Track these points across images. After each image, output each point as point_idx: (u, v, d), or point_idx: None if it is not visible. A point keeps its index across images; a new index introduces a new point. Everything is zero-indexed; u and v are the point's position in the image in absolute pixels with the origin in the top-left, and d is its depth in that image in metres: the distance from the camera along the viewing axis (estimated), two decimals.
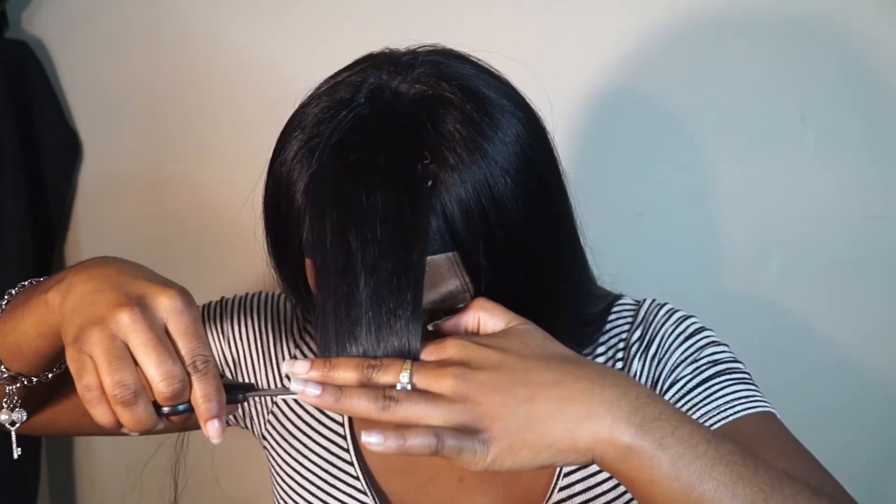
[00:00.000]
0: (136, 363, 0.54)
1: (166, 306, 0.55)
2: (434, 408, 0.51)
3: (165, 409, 0.55)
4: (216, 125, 1.27)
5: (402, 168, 0.55)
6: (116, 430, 0.56)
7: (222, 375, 0.59)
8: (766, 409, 0.68)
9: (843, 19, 0.98)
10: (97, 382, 0.53)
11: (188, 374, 0.54)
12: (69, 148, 1.34)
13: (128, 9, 1.28)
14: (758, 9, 1.00)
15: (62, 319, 0.56)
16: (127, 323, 0.53)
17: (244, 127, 1.24)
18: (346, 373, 0.53)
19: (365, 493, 0.75)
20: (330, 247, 0.55)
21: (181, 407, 0.54)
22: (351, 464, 0.76)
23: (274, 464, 0.81)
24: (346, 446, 0.77)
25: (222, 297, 0.84)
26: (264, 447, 0.83)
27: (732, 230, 1.07)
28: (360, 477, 0.76)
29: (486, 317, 0.57)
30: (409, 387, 0.52)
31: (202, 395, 0.54)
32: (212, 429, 0.54)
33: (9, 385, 0.64)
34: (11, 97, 1.27)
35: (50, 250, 1.37)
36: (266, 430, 0.81)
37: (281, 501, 0.81)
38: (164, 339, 0.54)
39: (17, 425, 0.65)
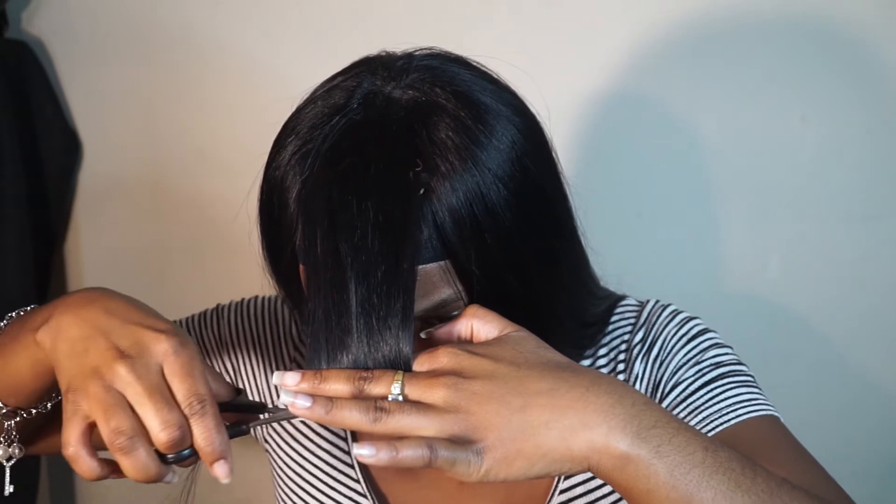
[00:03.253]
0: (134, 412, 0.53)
1: (159, 351, 0.54)
2: (426, 418, 0.50)
3: (170, 457, 0.53)
4: (216, 126, 1.26)
5: (393, 176, 0.55)
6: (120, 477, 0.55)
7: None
8: (769, 412, 0.67)
9: (843, 19, 0.97)
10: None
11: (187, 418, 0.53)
12: (69, 148, 1.33)
13: (128, 9, 1.27)
14: (757, 9, 1.00)
15: (55, 364, 0.56)
16: (122, 375, 0.52)
17: (244, 127, 1.23)
18: (336, 384, 0.52)
19: (366, 497, 0.75)
20: (321, 254, 0.54)
21: (185, 452, 0.53)
22: (352, 466, 0.76)
23: (276, 465, 0.81)
24: (347, 449, 0.77)
25: (218, 305, 0.84)
26: (266, 449, 0.83)
27: (732, 230, 1.07)
28: (361, 480, 0.75)
29: (479, 324, 0.56)
30: (400, 398, 0.52)
31: (202, 439, 0.53)
32: (219, 470, 0.53)
33: (8, 420, 0.63)
34: (11, 97, 1.26)
35: (50, 250, 1.37)
36: (268, 431, 0.81)
37: (282, 503, 0.81)
38: (160, 386, 0.53)
39: (13, 461, 0.64)
